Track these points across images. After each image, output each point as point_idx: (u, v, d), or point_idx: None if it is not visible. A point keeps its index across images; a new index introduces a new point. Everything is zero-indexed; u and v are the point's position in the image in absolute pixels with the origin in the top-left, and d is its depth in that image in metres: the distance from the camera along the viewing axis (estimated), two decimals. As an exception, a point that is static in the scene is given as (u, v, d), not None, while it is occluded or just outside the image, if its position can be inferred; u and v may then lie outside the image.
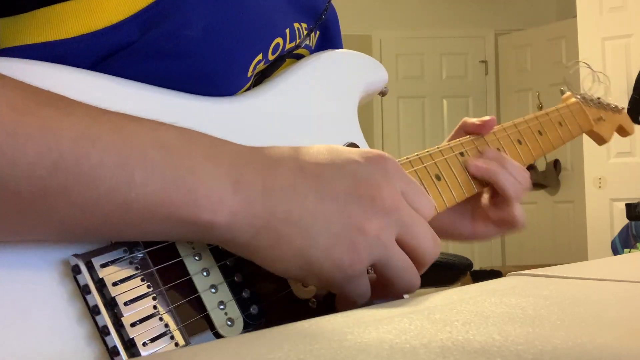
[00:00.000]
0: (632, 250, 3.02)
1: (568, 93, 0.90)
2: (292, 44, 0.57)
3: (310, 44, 0.62)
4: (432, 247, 0.43)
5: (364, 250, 0.40)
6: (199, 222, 0.37)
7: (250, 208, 0.38)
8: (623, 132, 0.97)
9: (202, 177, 0.37)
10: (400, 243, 0.42)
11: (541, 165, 4.57)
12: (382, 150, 0.46)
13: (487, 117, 0.69)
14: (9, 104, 0.33)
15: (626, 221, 3.10)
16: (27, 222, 0.35)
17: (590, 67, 0.94)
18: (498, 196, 0.65)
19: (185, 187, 0.37)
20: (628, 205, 2.91)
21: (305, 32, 0.59)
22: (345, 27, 0.69)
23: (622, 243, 3.12)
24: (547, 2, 4.99)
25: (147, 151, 0.36)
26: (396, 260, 0.41)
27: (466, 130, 0.70)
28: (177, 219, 0.37)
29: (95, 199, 0.35)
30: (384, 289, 0.43)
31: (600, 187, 3.45)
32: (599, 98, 0.92)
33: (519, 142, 0.73)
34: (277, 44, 0.55)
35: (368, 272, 0.43)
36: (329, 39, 0.66)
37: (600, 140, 0.92)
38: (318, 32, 0.63)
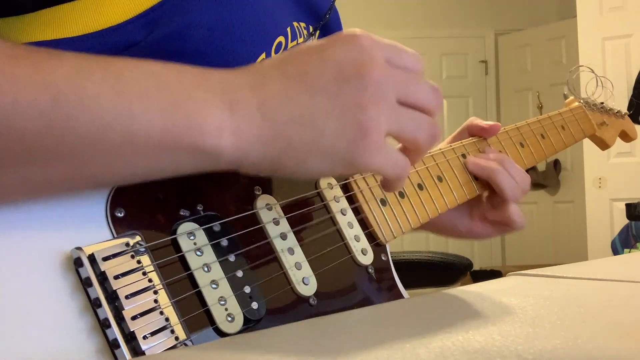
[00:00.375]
0: (632, 250, 3.02)
1: (571, 97, 0.90)
2: (294, 43, 0.57)
3: None
4: (433, 96, 0.45)
5: (369, 122, 0.40)
6: (206, 148, 0.38)
7: (251, 124, 0.39)
8: (626, 137, 0.98)
9: (198, 104, 0.38)
10: (404, 104, 0.43)
11: (541, 165, 4.57)
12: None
13: (492, 122, 0.70)
14: (4, 52, 0.35)
15: (626, 221, 3.10)
16: (37, 165, 0.35)
17: (593, 72, 0.95)
18: (496, 196, 0.66)
19: (183, 112, 0.37)
20: (628, 205, 2.92)
21: (305, 32, 0.59)
22: (346, 27, 0.69)
23: (622, 243, 3.12)
24: (547, 2, 4.99)
25: (141, 82, 0.37)
26: (406, 120, 0.43)
27: (471, 131, 0.70)
28: (184, 148, 0.38)
29: (100, 129, 0.35)
30: (412, 152, 0.45)
31: (600, 187, 3.45)
32: (602, 103, 0.93)
33: (521, 144, 0.74)
34: (280, 43, 0.55)
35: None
36: None
37: (603, 145, 0.93)
38: (318, 32, 0.63)
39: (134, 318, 0.37)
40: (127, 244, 0.39)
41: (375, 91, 0.41)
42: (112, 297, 0.37)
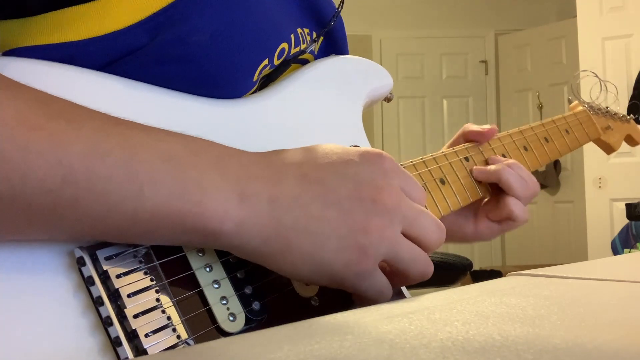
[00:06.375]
0: (632, 250, 3.02)
1: (575, 102, 0.90)
2: (297, 49, 0.57)
3: (314, 50, 0.62)
4: (437, 234, 0.46)
5: (370, 248, 0.41)
6: (206, 230, 0.38)
7: (257, 217, 0.39)
8: (632, 141, 0.98)
9: (209, 189, 0.38)
10: (407, 236, 0.44)
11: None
12: (383, 150, 0.46)
13: (488, 126, 0.70)
14: (20, 118, 0.34)
15: (626, 221, 3.10)
16: (37, 230, 0.36)
17: (597, 76, 0.95)
18: (500, 194, 0.66)
19: (192, 199, 0.38)
20: (628, 205, 2.91)
21: (308, 37, 0.59)
22: (346, 27, 0.69)
23: (622, 243, 3.12)
24: (547, 2, 4.99)
25: (155, 164, 0.37)
26: (405, 252, 0.43)
27: (466, 137, 0.70)
28: (184, 228, 0.38)
29: (104, 211, 0.36)
30: (400, 280, 0.45)
31: (600, 187, 3.45)
32: (607, 107, 0.93)
33: (525, 148, 0.74)
34: (283, 49, 0.55)
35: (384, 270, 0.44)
36: (333, 44, 0.66)
37: (609, 149, 0.93)
38: (322, 38, 0.63)
39: (135, 316, 0.37)
40: (129, 244, 0.39)
41: (383, 219, 0.42)
42: (114, 296, 0.37)
